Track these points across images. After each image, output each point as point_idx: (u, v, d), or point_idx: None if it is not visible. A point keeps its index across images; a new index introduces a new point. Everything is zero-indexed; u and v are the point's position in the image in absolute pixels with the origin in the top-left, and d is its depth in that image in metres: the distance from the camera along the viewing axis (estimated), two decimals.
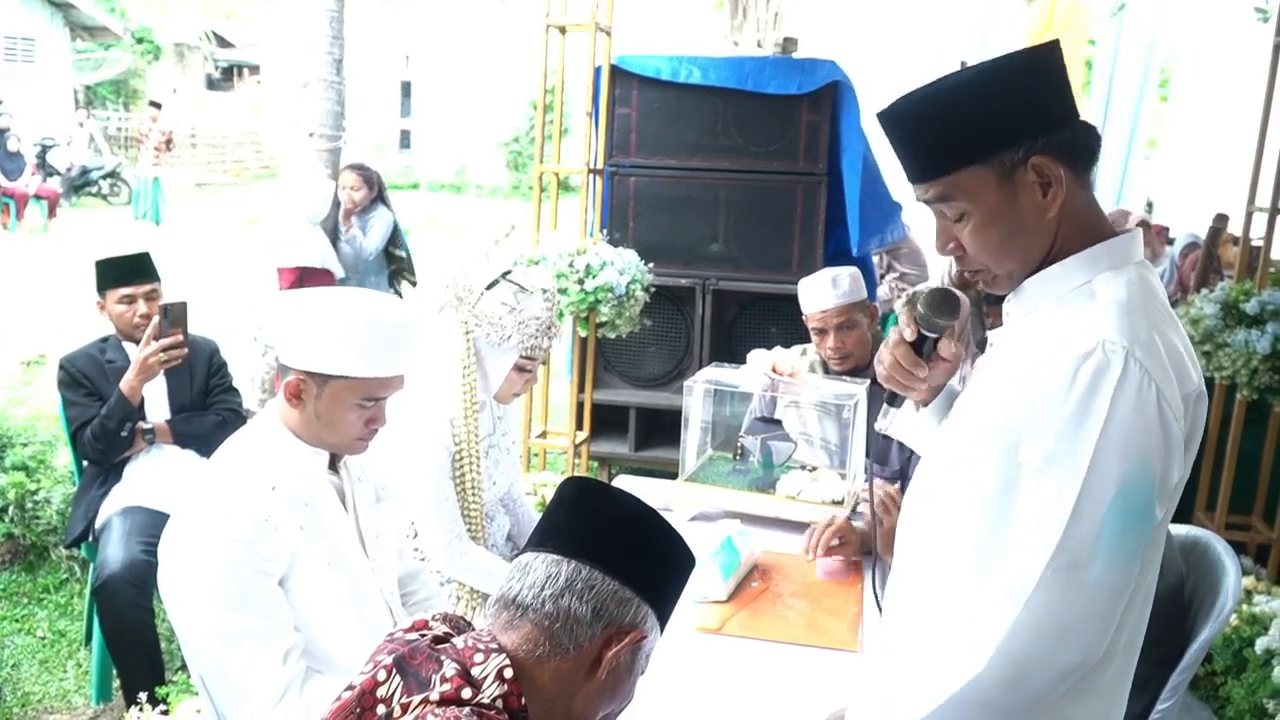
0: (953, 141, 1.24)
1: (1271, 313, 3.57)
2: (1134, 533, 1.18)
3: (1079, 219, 1.27)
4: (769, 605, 2.16)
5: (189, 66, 23.83)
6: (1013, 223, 1.26)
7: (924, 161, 1.28)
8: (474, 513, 2.34)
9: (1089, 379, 1.17)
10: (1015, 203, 1.24)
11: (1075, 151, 1.24)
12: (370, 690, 1.03)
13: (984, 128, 1.23)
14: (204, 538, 1.63)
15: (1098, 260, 1.26)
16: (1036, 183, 1.23)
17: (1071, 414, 1.17)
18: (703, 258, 4.67)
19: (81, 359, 3.03)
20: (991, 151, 1.23)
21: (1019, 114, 1.22)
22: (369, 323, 1.70)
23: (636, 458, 4.79)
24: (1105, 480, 1.16)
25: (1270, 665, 3.05)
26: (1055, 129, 1.23)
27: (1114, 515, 1.16)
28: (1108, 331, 1.18)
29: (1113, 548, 1.17)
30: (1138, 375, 1.16)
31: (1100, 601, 1.18)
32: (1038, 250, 1.28)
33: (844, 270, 2.90)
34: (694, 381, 2.81)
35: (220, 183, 19.89)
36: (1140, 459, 1.16)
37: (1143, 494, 1.17)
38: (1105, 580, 1.18)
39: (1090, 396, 1.16)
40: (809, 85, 4.43)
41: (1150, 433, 1.17)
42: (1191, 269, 5.47)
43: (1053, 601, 1.17)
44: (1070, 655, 1.19)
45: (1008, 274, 1.31)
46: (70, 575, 3.73)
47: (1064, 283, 1.27)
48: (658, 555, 1.17)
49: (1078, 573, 1.16)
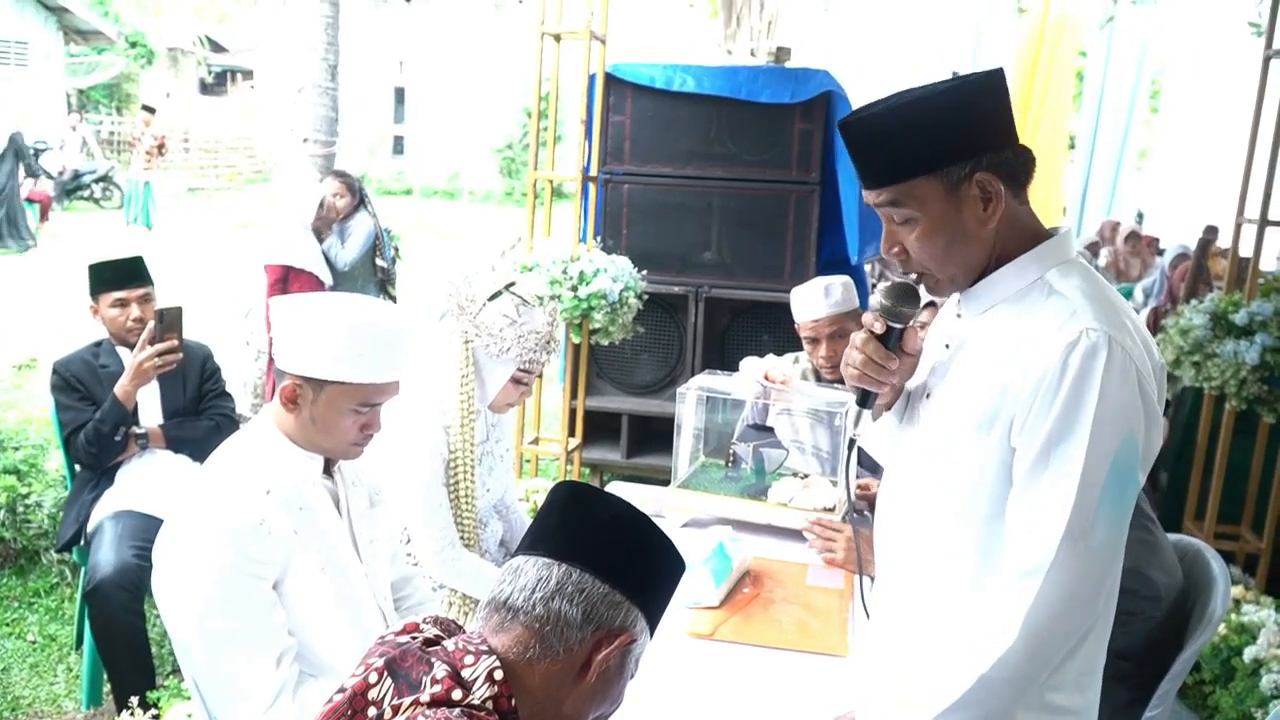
0: (907, 153, 1.34)
1: (1260, 324, 3.60)
2: (1125, 499, 1.32)
3: (1016, 227, 1.39)
4: (760, 611, 2.17)
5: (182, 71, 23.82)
6: (955, 231, 1.36)
7: (879, 169, 1.38)
8: (468, 519, 2.34)
9: (1079, 365, 1.27)
10: (959, 213, 1.35)
11: (1014, 170, 1.36)
12: (361, 692, 1.04)
13: (937, 143, 1.33)
14: (198, 541, 1.63)
15: (1043, 258, 1.38)
16: (979, 197, 1.34)
17: (1066, 399, 1.28)
18: (696, 265, 4.69)
19: (75, 363, 3.03)
20: (941, 165, 1.33)
21: (968, 133, 1.33)
22: (366, 328, 1.70)
23: (628, 464, 4.80)
24: (1102, 455, 1.28)
25: (1258, 674, 3.06)
26: (998, 149, 1.34)
27: (1110, 485, 1.29)
28: (1087, 320, 1.29)
29: (1110, 515, 1.30)
30: (1121, 357, 1.28)
31: (1103, 564, 1.31)
32: (977, 258, 1.39)
33: (836, 279, 2.92)
34: (687, 388, 2.82)
35: (213, 187, 19.86)
36: (1128, 433, 1.29)
37: (1131, 463, 1.31)
38: (1106, 544, 1.31)
39: (1083, 380, 1.27)
40: (802, 94, 4.45)
41: (1135, 408, 1.30)
42: (1181, 280, 5.50)
43: (1067, 571, 1.28)
44: (1081, 618, 1.32)
45: (949, 278, 1.42)
46: (61, 579, 3.72)
47: (1016, 280, 1.38)
48: (648, 559, 1.18)
49: (1084, 540, 1.28)
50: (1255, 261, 3.85)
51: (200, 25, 24.16)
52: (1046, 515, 1.29)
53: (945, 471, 1.42)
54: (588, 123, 4.56)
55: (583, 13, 4.35)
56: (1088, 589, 1.31)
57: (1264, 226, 3.80)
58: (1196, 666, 3.22)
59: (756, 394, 2.82)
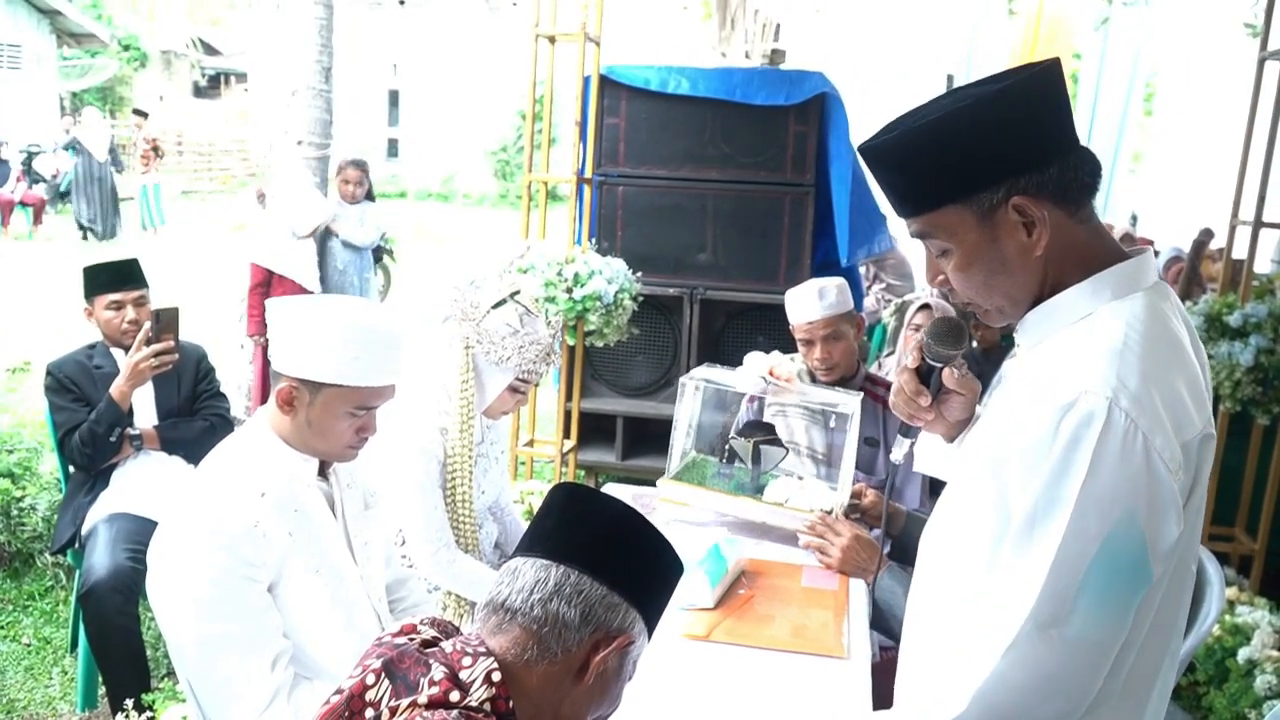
0: (929, 181, 1.21)
1: (1254, 325, 3.61)
2: (1121, 591, 1.14)
3: (1075, 251, 1.22)
4: (755, 612, 2.17)
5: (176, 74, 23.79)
6: (995, 262, 1.22)
7: (903, 198, 1.25)
8: (465, 522, 2.34)
9: (1071, 432, 1.12)
10: (997, 243, 1.21)
11: (1064, 187, 1.19)
12: (359, 694, 1.04)
13: (961, 168, 1.19)
14: (193, 544, 1.63)
15: (1100, 290, 1.22)
16: (1019, 223, 1.19)
17: (1053, 468, 1.13)
18: (690, 267, 4.69)
19: (69, 365, 3.03)
20: (969, 192, 1.19)
21: (998, 154, 1.18)
22: (363, 331, 1.70)
23: (624, 466, 4.80)
24: (1086, 537, 1.12)
25: (1252, 675, 3.07)
26: (1039, 167, 1.18)
27: (1095, 574, 1.12)
28: (1091, 380, 1.13)
29: (1093, 607, 1.13)
30: (1122, 426, 1.11)
31: (1081, 657, 1.15)
32: (1025, 288, 1.24)
33: (830, 281, 2.92)
34: (688, 378, 2.80)
35: (206, 190, 19.83)
36: (1126, 515, 1.12)
37: (1130, 551, 1.13)
38: (1086, 638, 1.14)
39: (1072, 450, 1.12)
40: (796, 96, 4.46)
41: (1136, 488, 1.12)
42: (1175, 282, 5.52)
43: (1032, 656, 1.14)
44: (1050, 708, 1.17)
45: (997, 309, 1.28)
46: (56, 582, 3.71)
47: (1068, 314, 1.23)
48: (646, 561, 1.18)
49: (1057, 629, 1.13)
50: (1249, 263, 3.86)
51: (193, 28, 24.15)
52: (1015, 593, 1.15)
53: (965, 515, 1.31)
54: (582, 125, 4.57)
55: (577, 15, 4.36)
56: (1061, 680, 1.15)
57: (1258, 228, 3.81)
58: (1191, 668, 3.22)
59: (759, 389, 2.80)
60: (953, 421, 1.48)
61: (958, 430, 1.49)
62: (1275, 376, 3.58)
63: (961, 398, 1.46)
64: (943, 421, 1.49)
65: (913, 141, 1.20)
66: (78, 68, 19.97)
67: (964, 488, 1.34)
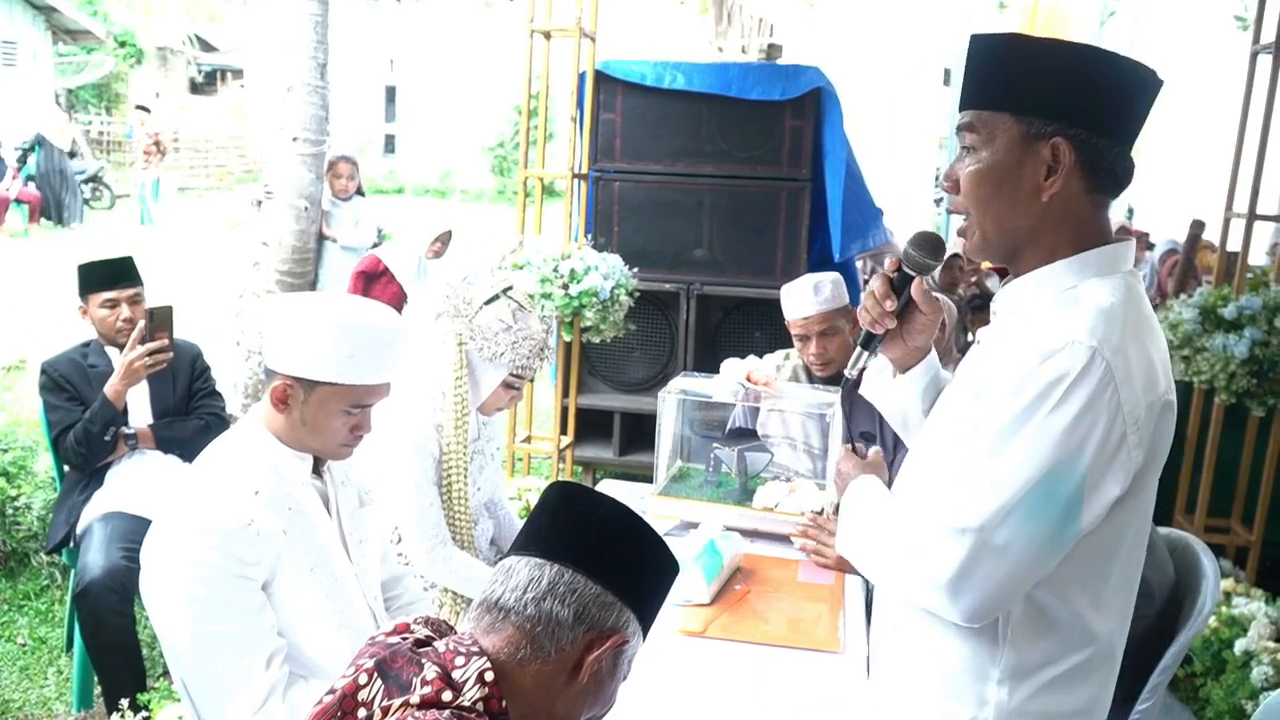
0: (1009, 84, 1.29)
1: (1249, 318, 3.61)
2: (1049, 521, 1.22)
3: (1076, 222, 1.30)
4: (751, 608, 2.17)
5: (172, 70, 23.71)
6: (1007, 183, 1.30)
7: (979, 87, 1.32)
8: (461, 519, 2.34)
9: (1053, 373, 1.21)
10: (1020, 167, 1.29)
11: (1098, 161, 1.27)
12: (351, 694, 1.04)
13: (1038, 90, 1.27)
14: (186, 542, 1.62)
15: (1086, 266, 1.30)
16: (1047, 162, 1.27)
17: (1028, 401, 1.22)
18: (687, 262, 4.69)
19: (63, 363, 3.02)
20: (1026, 110, 1.27)
21: (1074, 98, 1.26)
22: (358, 329, 1.70)
23: (621, 462, 4.80)
24: (1035, 461, 1.21)
25: (1249, 667, 3.08)
26: (1095, 132, 1.26)
27: (1033, 496, 1.21)
28: (1079, 332, 1.22)
29: (1021, 524, 1.22)
30: (1099, 374, 1.20)
31: (999, 565, 1.23)
32: (1016, 225, 1.32)
33: (826, 276, 2.92)
34: (667, 392, 2.80)
35: (203, 187, 19.79)
36: (1075, 453, 1.20)
37: (1067, 489, 1.21)
38: (1008, 551, 1.23)
39: (1050, 388, 1.21)
40: (792, 91, 4.46)
41: (1094, 434, 1.21)
42: (1170, 274, 5.52)
43: (957, 549, 1.24)
44: (963, 601, 1.26)
45: (982, 234, 1.35)
46: (51, 582, 3.71)
47: (1053, 285, 1.31)
48: (641, 560, 1.18)
49: (986, 532, 1.23)
50: (1243, 256, 3.86)
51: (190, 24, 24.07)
52: (968, 493, 1.25)
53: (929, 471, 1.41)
54: (578, 120, 4.56)
55: (572, 10, 4.35)
56: (982, 586, 1.24)
57: (1252, 221, 3.81)
58: (1188, 659, 3.23)
59: (738, 396, 2.80)
60: (910, 347, 1.55)
61: (911, 360, 1.56)
62: (1270, 369, 3.59)
63: (924, 320, 1.52)
64: (900, 343, 1.55)
65: (1022, 46, 1.29)
66: (74, 64, 19.91)
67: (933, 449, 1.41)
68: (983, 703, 1.35)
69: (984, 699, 1.35)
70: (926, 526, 1.29)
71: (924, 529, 1.30)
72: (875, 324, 1.51)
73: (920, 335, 1.54)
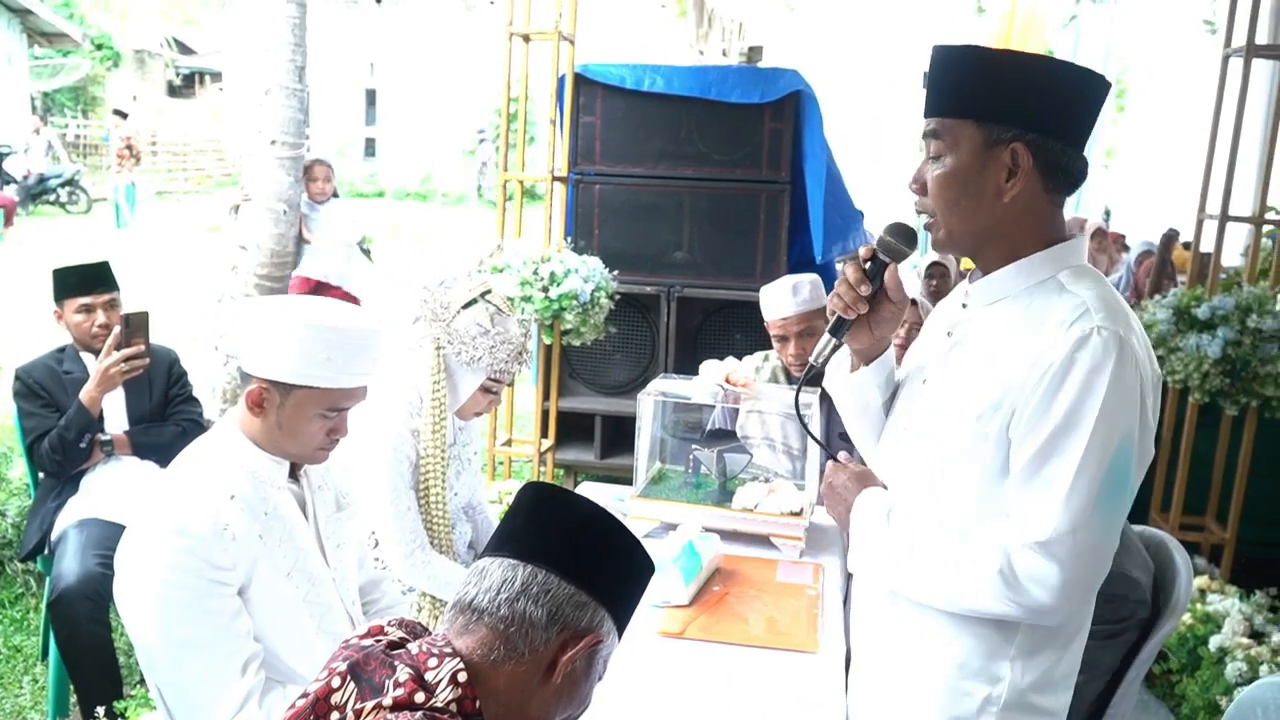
0: (968, 93, 1.36)
1: (1222, 318, 3.65)
2: (1120, 499, 1.32)
3: (1038, 221, 1.39)
4: (730, 609, 2.18)
5: (150, 73, 23.55)
6: (972, 186, 1.37)
7: (940, 97, 1.40)
8: (439, 523, 2.33)
9: (1090, 360, 1.28)
10: (983, 171, 1.36)
11: (1054, 163, 1.35)
12: (324, 697, 1.03)
13: (997, 97, 1.34)
14: (160, 546, 1.61)
15: (1058, 259, 1.39)
16: (1007, 166, 1.35)
17: (1076, 392, 1.28)
18: (667, 265, 4.70)
19: (38, 369, 2.99)
20: (987, 117, 1.35)
21: (1030, 104, 1.33)
22: (335, 333, 1.69)
23: (602, 465, 4.80)
24: (1104, 451, 1.28)
25: (1223, 663, 3.11)
26: (1051, 136, 1.34)
27: (1107, 482, 1.29)
28: (1100, 319, 1.30)
29: (1105, 512, 1.30)
30: (1130, 359, 1.29)
31: (1096, 561, 1.32)
32: (981, 225, 1.39)
33: (804, 278, 2.93)
34: (646, 394, 2.80)
35: (181, 190, 19.65)
36: (1127, 432, 1.30)
37: (1126, 463, 1.31)
38: (1099, 542, 1.31)
39: (1093, 376, 1.28)
40: (771, 94, 4.47)
41: (1134, 411, 1.30)
42: (1146, 275, 5.58)
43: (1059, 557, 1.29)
44: (1070, 610, 1.34)
45: (949, 232, 1.42)
46: (26, 589, 3.67)
47: (1028, 277, 1.39)
48: (615, 560, 1.18)
49: (1076, 535, 1.29)
50: (1216, 257, 3.90)
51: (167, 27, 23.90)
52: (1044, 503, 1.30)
53: (937, 457, 1.42)
54: (558, 123, 4.56)
55: (551, 13, 4.35)
56: (1081, 584, 1.31)
57: (1224, 222, 3.85)
58: (1163, 656, 3.26)
59: (716, 397, 2.81)
60: (875, 338, 1.57)
61: (873, 351, 1.58)
62: (1242, 368, 3.63)
63: (891, 309, 1.54)
64: (866, 332, 1.57)
65: (983, 57, 1.37)
66: (49, 68, 19.73)
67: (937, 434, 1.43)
68: (996, 680, 1.41)
69: (997, 677, 1.41)
70: (1006, 547, 1.32)
71: (1003, 550, 1.32)
72: (848, 309, 1.52)
73: (886, 324, 1.56)
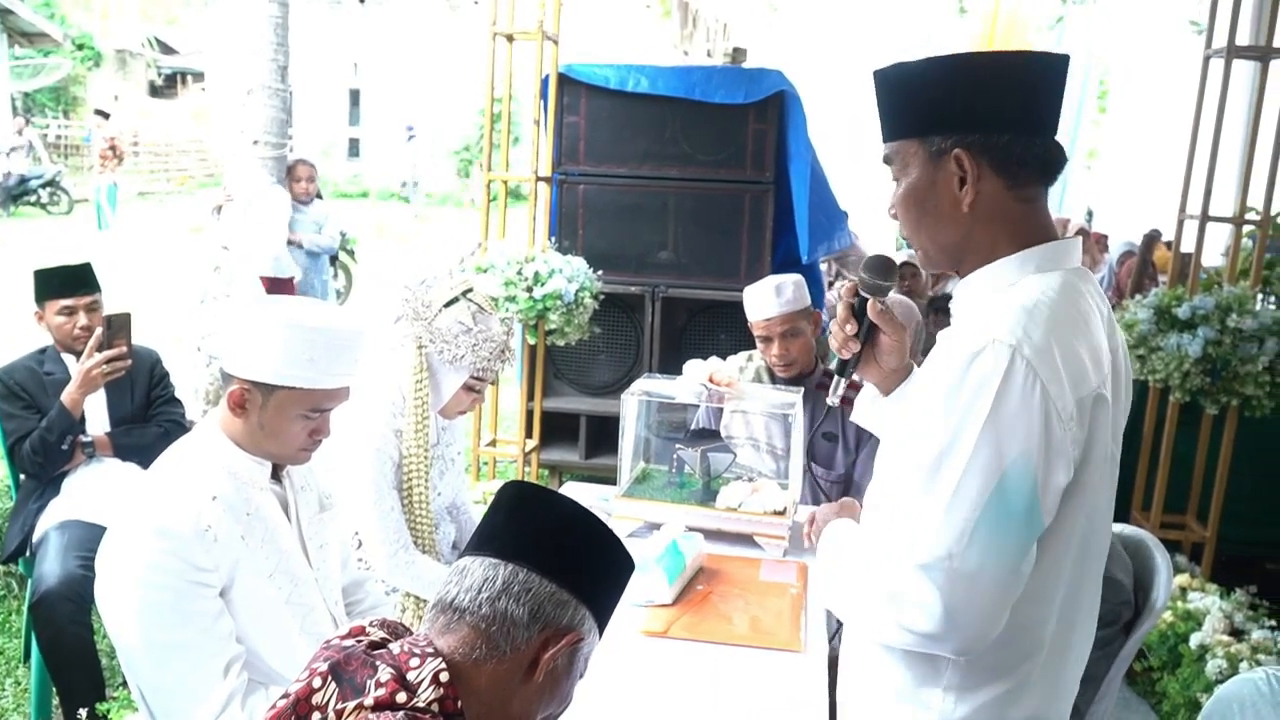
0: (902, 112, 1.35)
1: (1202, 317, 3.68)
2: (1015, 529, 1.21)
3: (1008, 222, 1.32)
4: (713, 608, 2.18)
5: (131, 73, 23.38)
6: (929, 203, 1.34)
7: (883, 120, 1.38)
8: (422, 523, 2.33)
9: (978, 376, 1.21)
10: (935, 186, 1.33)
11: (1008, 158, 1.29)
12: (306, 697, 1.03)
13: (928, 109, 1.32)
14: (140, 547, 1.60)
15: (1027, 262, 1.31)
16: (957, 175, 1.31)
17: (961, 410, 1.21)
18: (652, 265, 4.70)
19: (19, 371, 2.98)
20: (925, 131, 1.32)
21: (961, 108, 1.29)
22: (317, 333, 1.69)
23: (587, 465, 4.80)
24: (985, 472, 1.20)
25: (1204, 660, 3.14)
26: (992, 132, 1.28)
27: (993, 509, 1.20)
28: (999, 330, 1.22)
29: (990, 540, 1.20)
30: (1023, 372, 1.19)
31: (978, 591, 1.21)
32: (949, 237, 1.35)
33: (788, 278, 2.94)
34: (629, 393, 2.80)
35: (164, 191, 19.53)
36: (1022, 455, 1.19)
37: (1023, 491, 1.20)
38: (981, 572, 1.20)
39: (978, 393, 1.21)
40: (755, 95, 4.49)
41: (1031, 431, 1.20)
42: (1128, 276, 5.61)
43: (931, 586, 1.21)
44: (950, 640, 1.24)
45: (924, 250, 1.40)
46: (7, 591, 3.64)
47: (996, 281, 1.33)
48: (596, 558, 1.18)
49: (950, 562, 1.20)
50: (1197, 257, 3.93)
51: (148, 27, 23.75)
52: (922, 526, 1.22)
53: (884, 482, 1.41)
54: (542, 123, 4.56)
55: (535, 13, 4.35)
56: (969, 611, 1.21)
57: (1205, 222, 3.88)
58: (1143, 654, 3.29)
59: (700, 397, 2.81)
60: (886, 369, 1.57)
61: (892, 382, 1.59)
62: (1223, 367, 3.65)
63: (891, 342, 1.54)
64: (875, 367, 1.57)
65: (905, 73, 1.34)
66: (30, 67, 19.57)
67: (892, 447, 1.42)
68: (926, 707, 1.36)
69: (928, 704, 1.36)
70: (895, 570, 1.26)
71: (894, 573, 1.26)
72: (841, 349, 1.54)
73: (891, 356, 1.56)
